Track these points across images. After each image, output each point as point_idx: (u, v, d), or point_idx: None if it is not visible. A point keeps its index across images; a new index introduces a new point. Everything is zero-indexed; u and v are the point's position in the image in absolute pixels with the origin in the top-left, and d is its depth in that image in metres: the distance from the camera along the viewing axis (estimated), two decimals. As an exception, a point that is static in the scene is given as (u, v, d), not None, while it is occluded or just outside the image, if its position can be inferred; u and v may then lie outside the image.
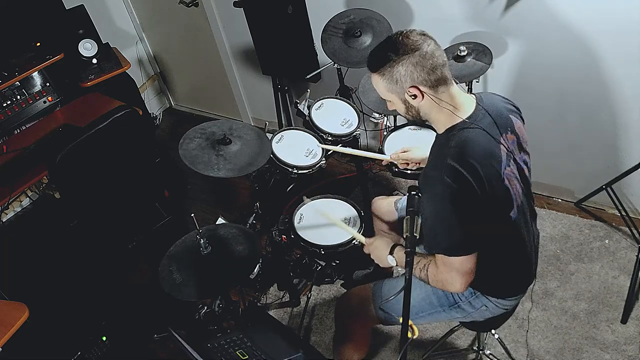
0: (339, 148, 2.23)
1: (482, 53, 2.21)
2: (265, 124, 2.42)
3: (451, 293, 1.56)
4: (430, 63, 1.30)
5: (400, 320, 1.09)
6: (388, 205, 2.04)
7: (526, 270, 1.56)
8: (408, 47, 1.29)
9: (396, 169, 2.25)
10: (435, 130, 1.46)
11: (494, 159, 1.34)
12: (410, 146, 1.95)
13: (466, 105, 1.38)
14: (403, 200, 2.01)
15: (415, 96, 1.33)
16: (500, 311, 1.60)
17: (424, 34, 1.34)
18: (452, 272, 1.36)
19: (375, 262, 1.63)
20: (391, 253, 1.54)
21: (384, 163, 2.12)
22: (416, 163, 1.94)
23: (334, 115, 2.43)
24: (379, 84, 1.37)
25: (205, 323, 1.97)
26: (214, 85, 3.89)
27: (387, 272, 2.30)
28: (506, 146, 1.39)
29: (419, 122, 1.45)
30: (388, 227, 2.06)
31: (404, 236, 1.19)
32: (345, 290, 2.48)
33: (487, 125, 1.37)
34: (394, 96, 1.37)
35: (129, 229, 2.86)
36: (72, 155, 2.21)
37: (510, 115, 1.48)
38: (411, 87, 1.32)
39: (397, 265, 1.53)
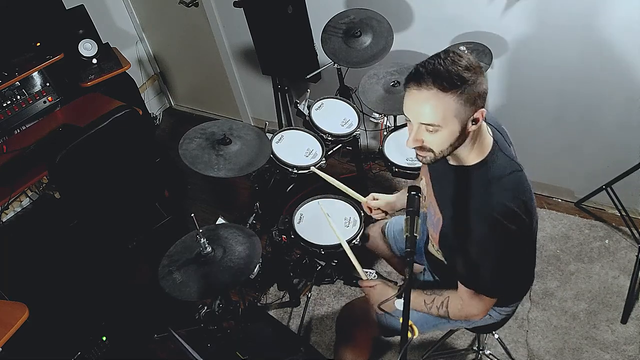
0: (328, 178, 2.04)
1: (482, 53, 2.21)
2: (265, 124, 2.42)
3: None
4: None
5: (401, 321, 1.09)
6: (376, 233, 2.03)
7: (530, 276, 1.57)
8: (477, 64, 1.18)
9: (396, 169, 2.25)
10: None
11: (526, 182, 1.31)
12: (379, 195, 1.86)
13: (486, 130, 1.30)
14: (391, 223, 1.99)
15: (476, 121, 1.20)
16: (503, 317, 1.62)
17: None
18: (480, 304, 1.36)
19: (371, 301, 1.59)
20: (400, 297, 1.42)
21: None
22: (383, 211, 1.86)
23: (334, 115, 2.43)
24: (449, 104, 1.16)
25: (205, 323, 1.96)
26: (214, 85, 3.89)
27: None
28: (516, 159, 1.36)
29: (443, 157, 1.26)
30: (384, 256, 2.06)
31: (404, 236, 1.18)
32: (347, 302, 2.46)
33: (506, 147, 1.33)
34: (456, 122, 1.18)
35: (129, 229, 2.86)
36: (72, 155, 2.21)
37: (502, 126, 1.44)
38: (481, 108, 1.19)
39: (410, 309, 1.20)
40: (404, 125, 2.42)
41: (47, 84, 2.99)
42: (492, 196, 1.24)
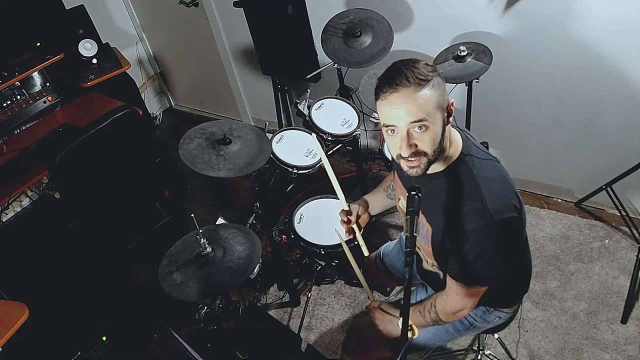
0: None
1: (482, 53, 2.20)
2: (265, 124, 2.42)
3: (465, 317, 1.57)
4: None
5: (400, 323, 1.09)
6: (372, 267, 2.01)
7: (529, 271, 1.57)
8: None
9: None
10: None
11: (506, 172, 1.32)
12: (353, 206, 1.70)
13: (452, 128, 1.32)
14: (382, 249, 1.99)
15: (450, 112, 1.23)
16: (509, 316, 1.62)
17: None
18: (469, 299, 1.35)
19: (378, 325, 1.59)
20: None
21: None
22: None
23: (334, 115, 2.43)
24: (429, 96, 1.17)
25: (205, 323, 1.97)
26: (214, 85, 3.89)
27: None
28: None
29: (434, 161, 1.24)
30: (384, 281, 2.05)
31: (404, 236, 1.18)
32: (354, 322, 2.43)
33: (474, 139, 1.34)
34: (439, 114, 1.19)
35: (129, 229, 2.86)
36: (72, 155, 2.21)
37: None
38: (449, 101, 1.23)
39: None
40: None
41: (47, 84, 2.99)
42: (482, 189, 1.24)
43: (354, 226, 1.66)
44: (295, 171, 2.21)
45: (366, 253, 1.69)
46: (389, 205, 1.76)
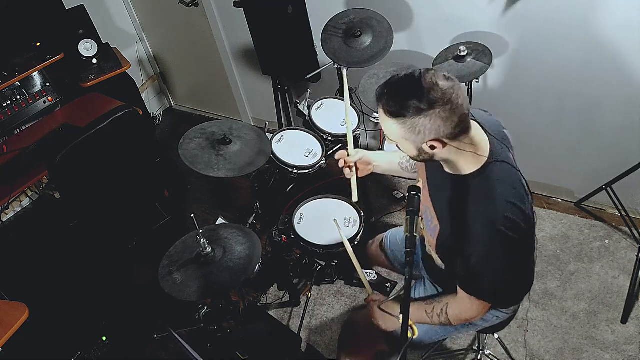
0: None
1: (482, 53, 2.20)
2: (265, 124, 2.42)
3: None
4: (459, 116, 1.15)
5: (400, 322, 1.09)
6: (376, 250, 2.02)
7: (531, 277, 1.57)
8: (438, 98, 1.12)
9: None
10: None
11: (525, 190, 1.31)
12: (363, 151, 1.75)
13: (483, 141, 1.28)
14: (387, 239, 1.99)
15: (434, 147, 1.21)
16: (508, 316, 1.63)
17: (451, 79, 1.16)
18: (480, 307, 1.37)
19: (377, 319, 1.60)
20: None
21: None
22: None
23: (334, 115, 2.43)
24: (394, 129, 1.20)
25: (205, 323, 1.97)
26: (214, 85, 3.89)
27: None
28: (516, 166, 1.35)
29: (422, 160, 1.30)
30: (387, 267, 2.06)
31: (405, 235, 1.18)
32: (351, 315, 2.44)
33: (505, 155, 1.32)
34: (409, 144, 1.22)
35: (129, 229, 2.86)
36: (72, 155, 2.21)
37: (504, 130, 1.42)
38: (434, 140, 1.18)
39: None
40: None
41: (47, 84, 2.99)
42: (493, 208, 1.23)
43: (353, 169, 1.69)
44: (295, 171, 2.21)
45: (355, 199, 1.73)
46: (394, 171, 1.78)
